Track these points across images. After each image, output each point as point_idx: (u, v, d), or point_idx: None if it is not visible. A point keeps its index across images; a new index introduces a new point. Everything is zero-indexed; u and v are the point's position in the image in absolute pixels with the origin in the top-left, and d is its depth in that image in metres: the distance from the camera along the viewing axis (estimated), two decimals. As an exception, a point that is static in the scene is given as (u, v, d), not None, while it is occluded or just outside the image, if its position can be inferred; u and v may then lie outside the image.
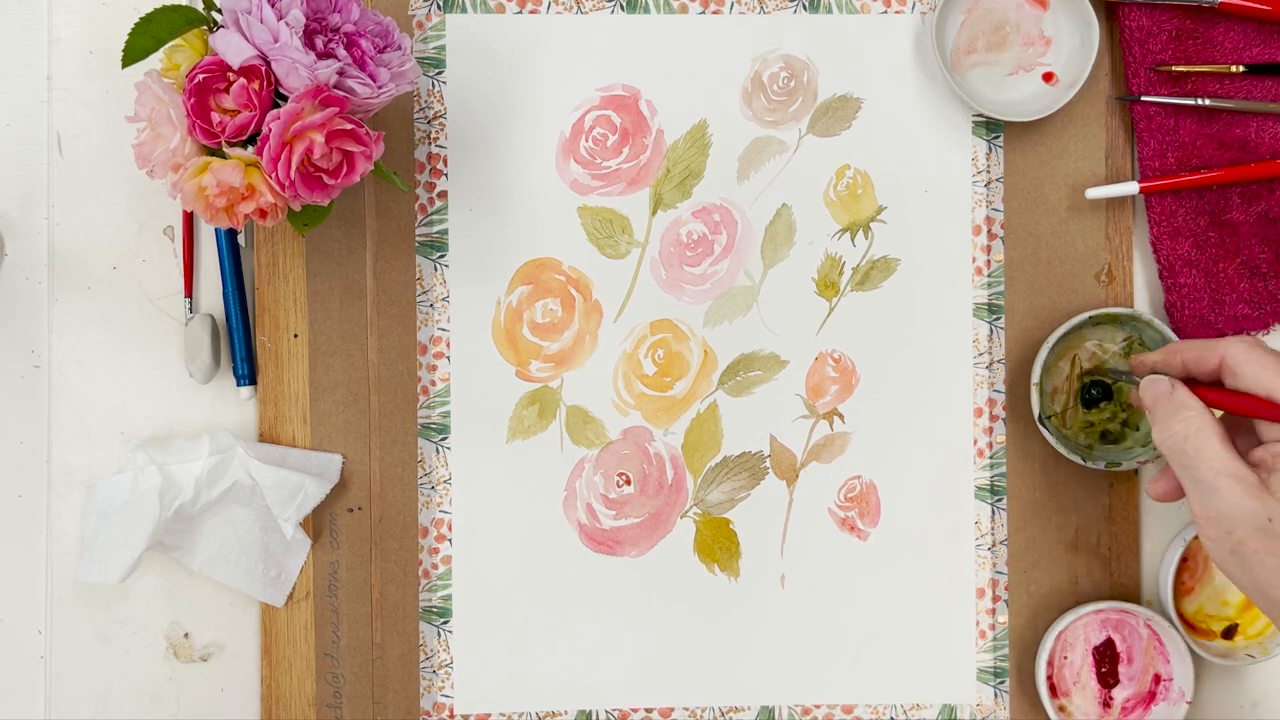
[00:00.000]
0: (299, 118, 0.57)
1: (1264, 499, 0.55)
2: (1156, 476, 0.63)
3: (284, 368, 0.70)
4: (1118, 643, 0.72)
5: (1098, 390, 0.71)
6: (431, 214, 0.71)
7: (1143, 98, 0.71)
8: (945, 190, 0.72)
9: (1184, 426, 0.58)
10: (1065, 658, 0.71)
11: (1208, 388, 0.60)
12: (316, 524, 0.71)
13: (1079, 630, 0.71)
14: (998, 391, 0.72)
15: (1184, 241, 0.71)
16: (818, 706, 0.72)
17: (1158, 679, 0.71)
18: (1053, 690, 0.71)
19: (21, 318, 0.71)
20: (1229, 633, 0.72)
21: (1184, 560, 0.71)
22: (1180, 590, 0.72)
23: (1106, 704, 0.71)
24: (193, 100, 0.57)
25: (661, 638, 0.72)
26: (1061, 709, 0.71)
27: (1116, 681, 0.72)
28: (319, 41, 0.58)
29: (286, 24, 0.57)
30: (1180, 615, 0.71)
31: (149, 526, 0.66)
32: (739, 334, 0.72)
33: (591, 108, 0.72)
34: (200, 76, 0.57)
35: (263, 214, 0.59)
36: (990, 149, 0.72)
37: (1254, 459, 0.58)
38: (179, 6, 0.59)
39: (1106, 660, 0.71)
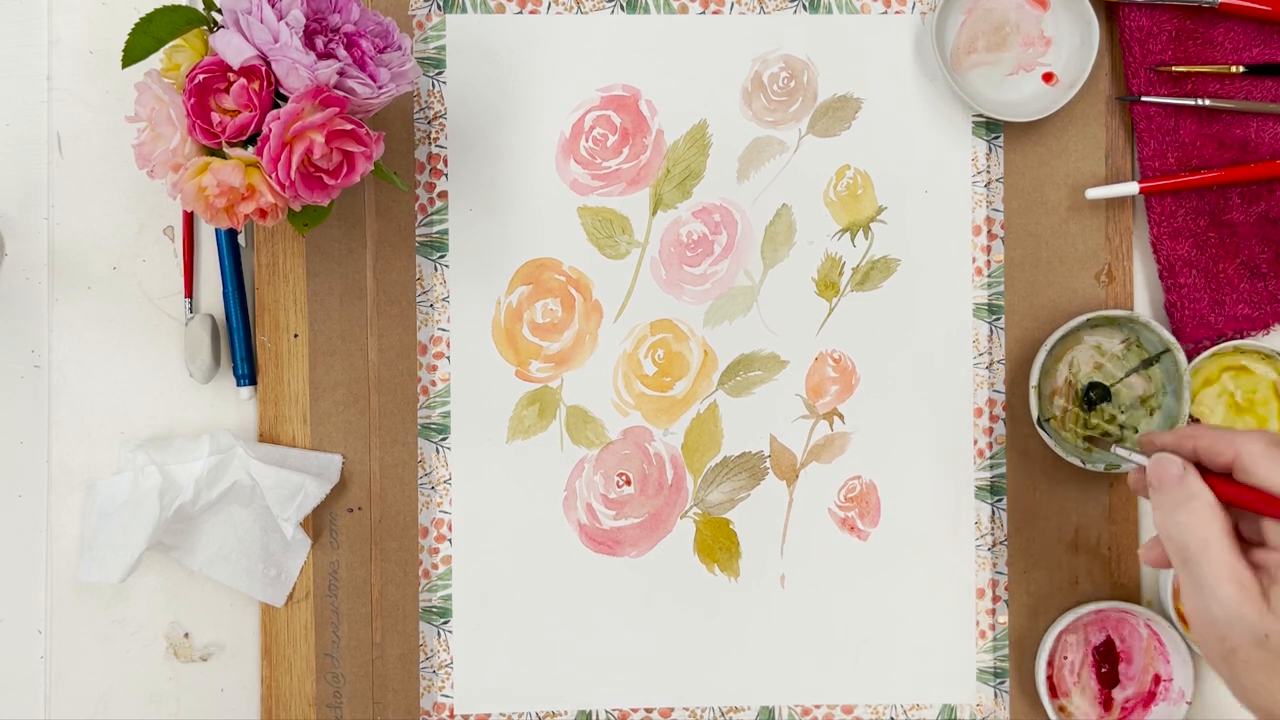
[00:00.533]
0: (299, 118, 0.57)
1: (1263, 614, 0.52)
2: (1150, 544, 0.59)
3: (284, 368, 0.70)
4: (1118, 643, 0.72)
5: (1096, 393, 0.71)
6: (431, 214, 0.71)
7: (1143, 98, 0.71)
8: (945, 190, 0.72)
9: (1191, 518, 0.54)
10: (1065, 658, 0.71)
11: (1219, 478, 0.55)
12: (316, 524, 0.71)
13: (1079, 630, 0.71)
14: (998, 392, 0.72)
15: (1184, 241, 0.71)
16: (818, 706, 0.72)
17: (1158, 679, 0.71)
18: (1052, 690, 0.71)
19: (21, 318, 0.71)
20: None
21: None
22: (1180, 589, 0.72)
23: (1107, 704, 0.71)
24: (193, 100, 0.57)
25: (661, 638, 0.72)
26: (1061, 709, 0.71)
27: (1116, 681, 0.72)
28: (319, 41, 0.58)
29: (286, 24, 0.57)
30: (1180, 615, 0.71)
31: (149, 526, 0.66)
32: (739, 334, 0.72)
33: (591, 108, 0.72)
34: (200, 76, 0.57)
35: (263, 214, 0.59)
36: (990, 149, 0.72)
37: (1256, 559, 0.54)
38: (179, 6, 0.59)
39: (1106, 660, 0.71)
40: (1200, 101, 0.71)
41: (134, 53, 0.59)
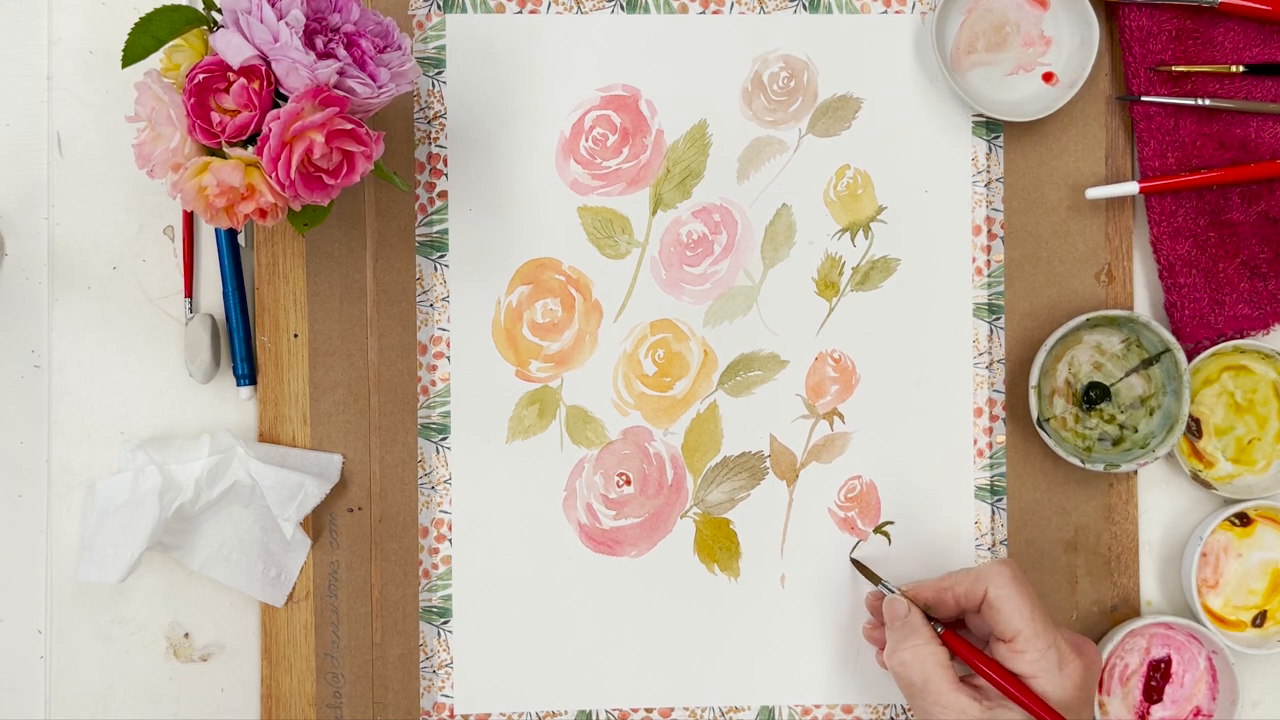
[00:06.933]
0: (299, 118, 0.57)
1: None
2: (883, 646, 0.67)
3: (284, 368, 0.70)
4: (1175, 664, 0.71)
5: (1096, 392, 0.71)
6: (431, 214, 0.71)
7: (1143, 98, 0.71)
8: (945, 190, 0.72)
9: (913, 655, 0.62)
10: (1123, 659, 0.71)
11: (951, 631, 0.63)
12: (316, 524, 0.71)
13: (1142, 638, 0.71)
14: (998, 392, 0.72)
15: (1184, 241, 0.71)
16: (818, 706, 0.72)
17: (1198, 711, 0.71)
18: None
19: (21, 318, 0.71)
20: (1259, 621, 0.72)
21: (1201, 555, 0.71)
22: (1203, 587, 0.72)
23: (1142, 717, 0.71)
24: (193, 100, 0.57)
25: (661, 638, 0.72)
26: (1100, 704, 0.71)
27: (1159, 700, 0.71)
28: (319, 41, 0.58)
29: (286, 24, 0.57)
30: (1207, 610, 0.71)
31: (149, 526, 0.66)
32: (739, 334, 0.72)
33: (591, 108, 0.72)
34: (200, 76, 0.57)
35: (263, 214, 0.59)
36: (990, 149, 0.72)
37: (979, 683, 0.62)
38: (179, 6, 0.59)
39: (1158, 676, 0.71)
40: (1200, 101, 0.71)
41: (134, 52, 0.59)
